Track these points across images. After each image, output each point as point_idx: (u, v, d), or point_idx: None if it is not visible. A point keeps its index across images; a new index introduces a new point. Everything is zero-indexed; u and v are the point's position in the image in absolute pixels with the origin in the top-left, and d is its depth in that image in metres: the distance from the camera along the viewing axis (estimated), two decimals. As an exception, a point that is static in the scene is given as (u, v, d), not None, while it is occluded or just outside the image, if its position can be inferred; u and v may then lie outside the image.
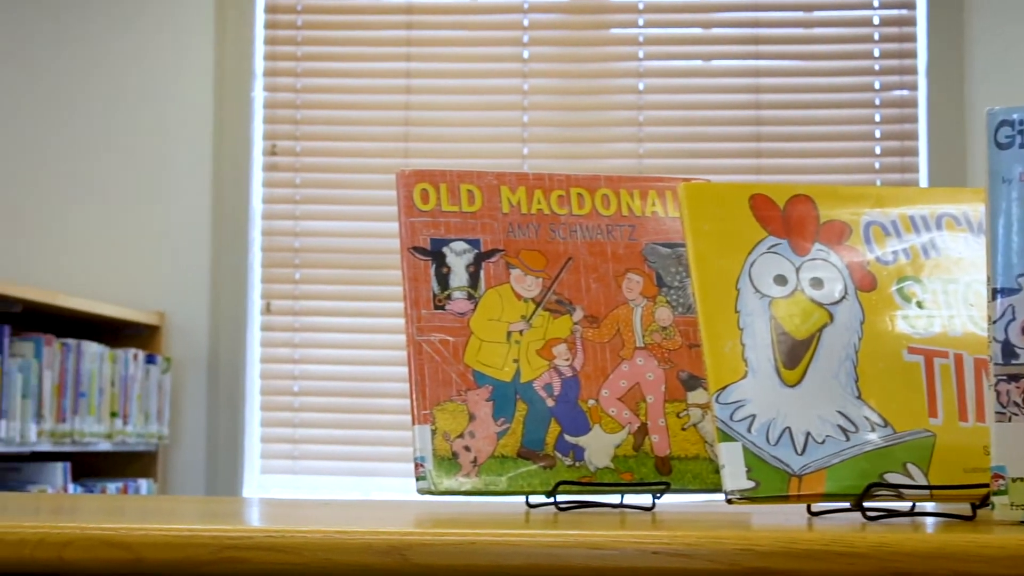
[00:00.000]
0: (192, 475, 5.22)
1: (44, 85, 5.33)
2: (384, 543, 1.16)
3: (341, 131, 5.34)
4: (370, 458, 5.23)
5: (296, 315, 5.30)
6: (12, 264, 5.15)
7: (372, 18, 5.38)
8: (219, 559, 1.17)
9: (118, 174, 5.30)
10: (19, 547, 1.17)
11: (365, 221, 5.30)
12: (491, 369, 1.49)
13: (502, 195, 1.55)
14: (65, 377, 4.47)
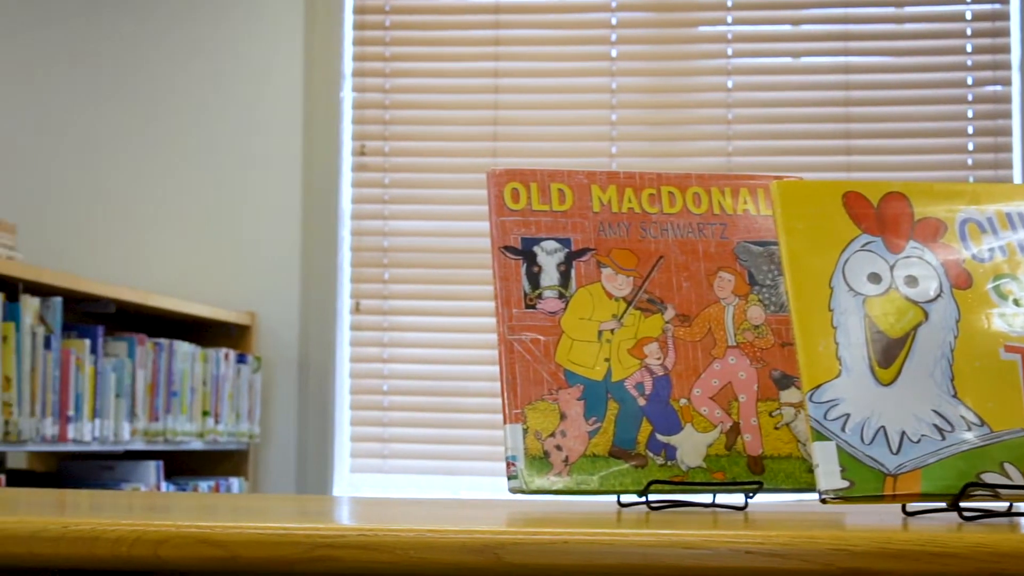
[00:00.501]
0: (282, 474, 5.26)
1: (134, 86, 5.38)
2: (478, 542, 1.16)
3: (429, 131, 5.35)
4: (458, 457, 5.24)
5: (385, 314, 5.32)
6: (105, 265, 5.21)
7: (460, 18, 5.39)
8: (312, 557, 1.17)
9: (209, 175, 5.34)
10: (116, 544, 1.18)
11: (453, 220, 5.31)
12: (582, 368, 1.49)
13: (593, 194, 1.55)
14: (158, 376, 4.51)
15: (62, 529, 1.19)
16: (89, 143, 5.38)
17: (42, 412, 3.78)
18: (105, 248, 5.31)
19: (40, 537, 1.19)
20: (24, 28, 5.44)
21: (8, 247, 4.16)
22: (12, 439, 3.63)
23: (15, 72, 5.42)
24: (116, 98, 5.38)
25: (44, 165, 5.37)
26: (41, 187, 5.35)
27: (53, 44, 5.41)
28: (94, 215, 5.34)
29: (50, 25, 5.42)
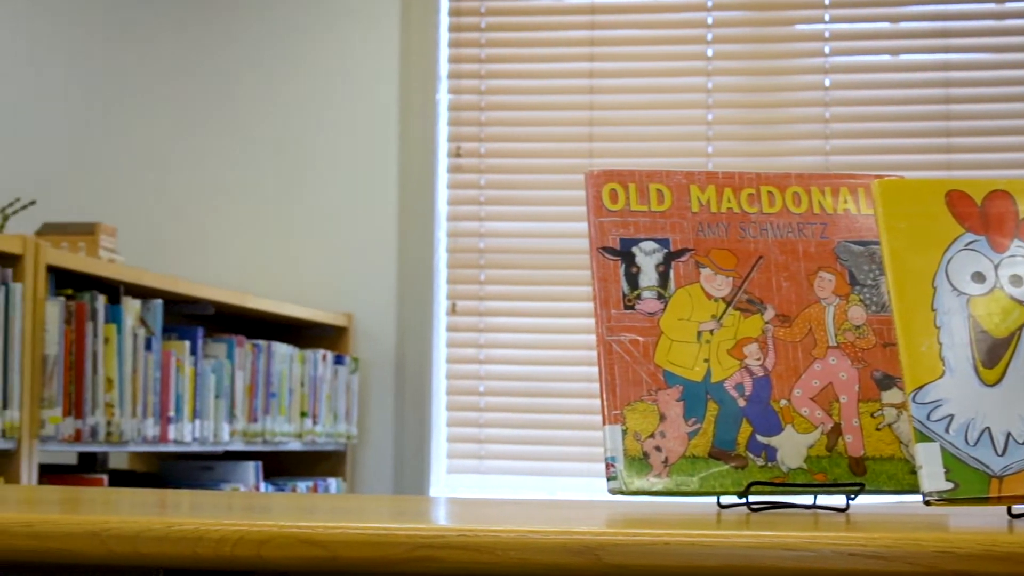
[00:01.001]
0: (380, 474, 5.28)
1: (232, 90, 5.43)
2: (578, 543, 1.16)
3: (525, 132, 5.36)
4: (555, 458, 5.24)
5: (481, 315, 5.33)
6: (204, 267, 5.26)
7: (555, 19, 5.39)
8: (413, 557, 1.18)
9: (307, 178, 5.37)
10: (220, 544, 1.19)
11: (549, 221, 5.31)
12: (682, 369, 1.48)
13: (691, 194, 1.54)
14: (256, 377, 4.54)
15: (166, 529, 1.20)
16: (188, 146, 5.43)
17: (143, 413, 3.83)
18: (204, 250, 5.36)
19: (144, 537, 1.20)
20: (122, 35, 5.50)
21: (110, 250, 4.21)
22: (114, 440, 3.67)
23: (115, 78, 5.49)
24: (215, 102, 5.43)
25: (144, 169, 5.43)
26: (142, 190, 5.41)
27: (152, 50, 5.47)
28: (194, 217, 5.39)
29: (148, 31, 5.48)
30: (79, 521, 1.22)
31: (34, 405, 3.40)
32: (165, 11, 5.48)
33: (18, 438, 3.33)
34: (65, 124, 5.49)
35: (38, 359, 3.42)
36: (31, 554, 1.22)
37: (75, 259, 3.71)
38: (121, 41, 5.50)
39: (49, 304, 3.45)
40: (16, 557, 1.22)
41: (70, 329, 3.54)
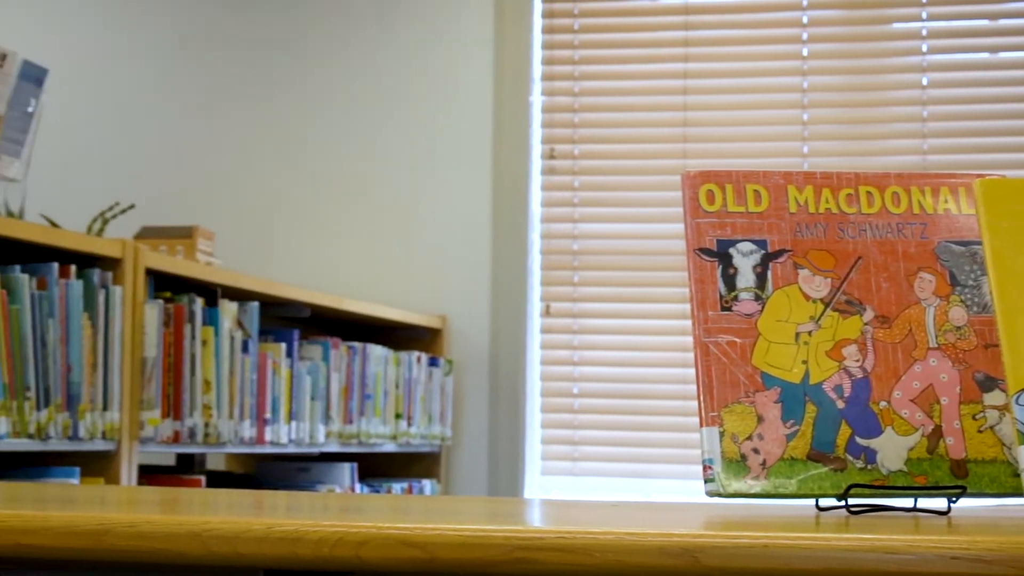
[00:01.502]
0: (474, 476, 5.29)
1: (327, 93, 5.46)
2: (676, 545, 1.15)
3: (619, 133, 5.35)
4: (649, 459, 5.22)
5: (575, 317, 5.33)
6: (300, 270, 5.29)
7: (649, 19, 5.38)
8: (510, 559, 1.17)
9: (401, 180, 5.40)
10: (319, 545, 1.20)
11: (643, 223, 5.30)
12: (779, 370, 1.47)
13: (789, 195, 1.53)
14: (351, 379, 4.57)
15: (266, 530, 1.21)
16: (283, 150, 5.47)
17: (240, 415, 3.86)
18: (300, 253, 5.40)
19: (245, 537, 1.21)
20: (220, 39, 5.55)
21: (207, 253, 4.25)
22: (212, 441, 3.70)
23: (213, 82, 5.54)
24: (310, 105, 5.46)
25: (241, 173, 5.48)
26: (238, 194, 5.46)
27: (250, 55, 5.51)
28: (290, 221, 5.43)
29: (246, 36, 5.53)
30: (180, 521, 1.23)
31: (134, 407, 3.44)
32: (262, 18, 5.52)
33: (118, 439, 3.37)
34: (163, 129, 5.55)
35: (137, 361, 3.46)
36: (134, 554, 1.23)
37: (173, 262, 3.75)
38: (219, 46, 5.55)
39: (148, 307, 3.49)
40: (119, 557, 1.24)
41: (168, 332, 3.57)
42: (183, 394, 3.60)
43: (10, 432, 3.00)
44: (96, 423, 3.29)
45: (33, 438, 3.08)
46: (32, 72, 3.44)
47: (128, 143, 5.57)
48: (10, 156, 3.40)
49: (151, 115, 5.57)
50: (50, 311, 3.15)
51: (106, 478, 3.37)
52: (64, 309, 3.19)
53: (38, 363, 3.10)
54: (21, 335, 3.06)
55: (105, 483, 3.34)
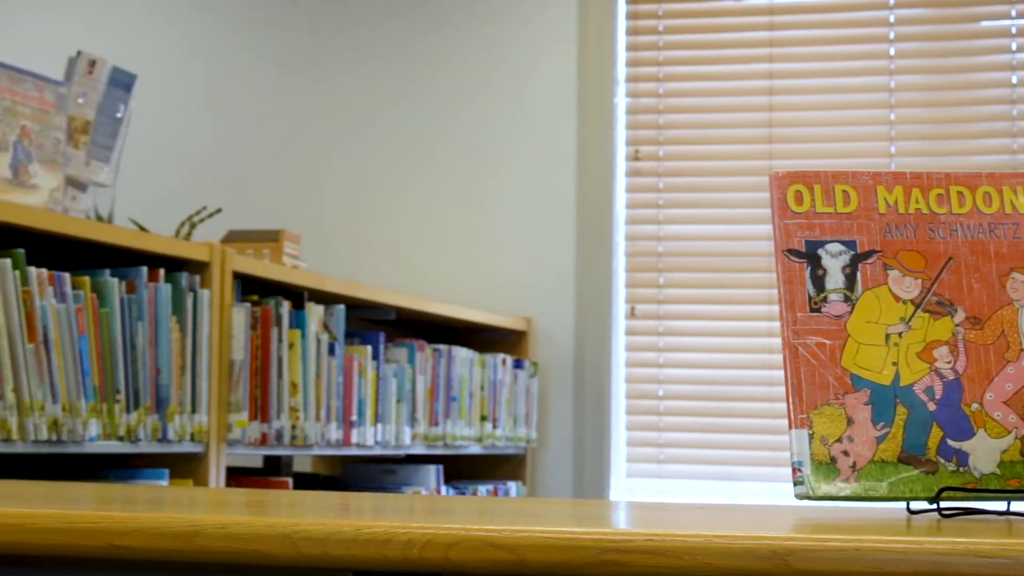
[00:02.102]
0: (559, 478, 5.29)
1: (410, 96, 5.48)
2: (766, 548, 1.14)
3: (703, 134, 5.33)
4: (735, 462, 5.20)
5: (660, 319, 5.31)
6: (386, 273, 5.31)
7: (734, 20, 5.36)
8: (599, 561, 1.17)
9: (485, 182, 5.41)
10: (407, 547, 1.20)
11: (728, 224, 5.28)
12: (869, 372, 1.46)
13: (878, 195, 1.51)
14: (437, 382, 4.58)
15: (355, 532, 1.21)
16: (368, 153, 5.49)
17: (327, 417, 3.88)
18: (385, 256, 5.42)
19: (334, 539, 1.21)
20: (305, 43, 5.58)
21: (293, 256, 4.28)
22: (299, 443, 3.72)
23: (298, 86, 5.57)
24: (393, 108, 5.49)
25: (326, 176, 5.51)
26: (324, 198, 5.49)
27: (334, 59, 5.54)
28: (375, 224, 5.46)
29: (324, 37, 5.55)
30: (271, 523, 1.24)
31: (222, 409, 3.46)
32: (346, 23, 5.55)
33: (206, 442, 3.39)
34: (250, 133, 5.59)
35: (225, 364, 3.48)
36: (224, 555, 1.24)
37: (260, 266, 3.77)
38: (304, 52, 5.58)
39: (235, 310, 3.51)
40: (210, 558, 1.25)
41: (256, 335, 3.60)
42: (270, 396, 3.63)
43: (100, 434, 3.04)
44: (185, 425, 3.31)
45: (123, 440, 3.12)
46: (121, 78, 3.48)
47: (215, 147, 5.62)
48: (99, 161, 3.44)
49: (238, 120, 5.62)
50: (139, 314, 3.18)
51: (195, 480, 3.39)
52: (153, 312, 3.22)
53: (128, 366, 3.14)
54: (111, 338, 3.09)
55: (194, 485, 3.37)
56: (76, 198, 3.37)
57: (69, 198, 3.31)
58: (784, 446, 4.78)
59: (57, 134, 3.20)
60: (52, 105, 3.19)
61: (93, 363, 3.02)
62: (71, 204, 3.33)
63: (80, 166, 3.38)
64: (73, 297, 2.99)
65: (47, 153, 3.17)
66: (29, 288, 2.86)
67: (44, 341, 2.88)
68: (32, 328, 2.86)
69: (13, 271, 2.82)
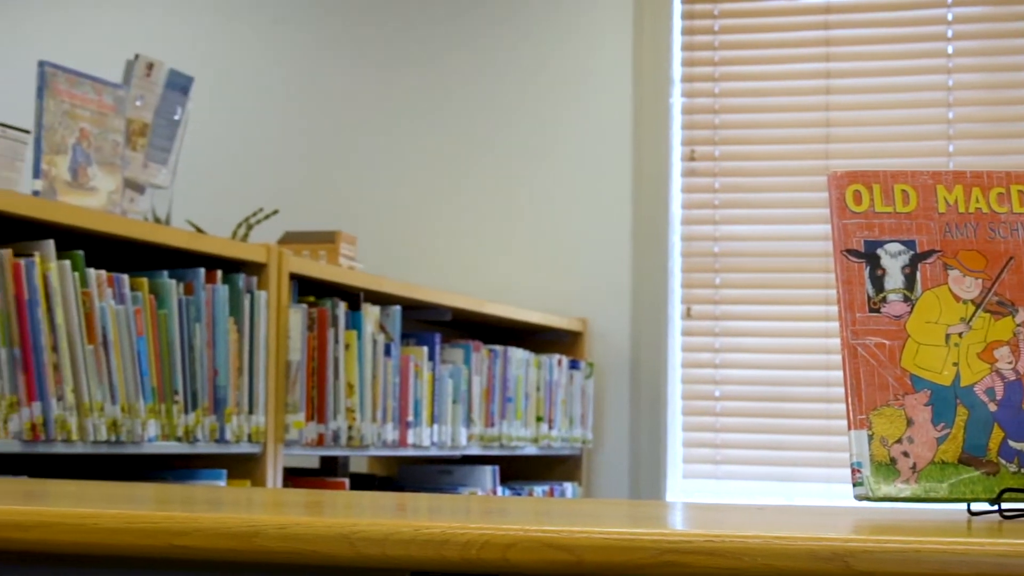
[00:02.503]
0: (615, 479, 5.28)
1: (465, 97, 5.48)
2: (826, 549, 1.14)
3: (760, 134, 5.31)
4: (791, 463, 5.18)
5: (716, 319, 5.30)
6: (442, 274, 5.32)
7: (790, 19, 5.34)
8: (659, 562, 1.17)
9: (541, 183, 5.41)
10: (466, 548, 1.20)
11: (785, 224, 5.26)
12: (929, 373, 1.45)
13: (938, 194, 1.50)
14: (493, 382, 4.58)
15: (413, 532, 1.21)
16: (424, 154, 5.50)
17: (383, 418, 3.88)
18: (441, 257, 5.43)
19: (392, 539, 1.22)
20: (360, 47, 5.60)
21: (349, 257, 4.29)
22: (355, 444, 3.73)
23: (354, 88, 5.59)
24: (447, 109, 5.49)
25: (382, 178, 5.52)
26: (380, 199, 5.50)
27: (389, 60, 5.56)
28: (431, 225, 5.46)
29: (384, 43, 5.57)
30: (329, 524, 1.24)
31: (279, 410, 3.47)
32: (401, 23, 5.56)
33: (264, 442, 3.41)
34: (306, 134, 5.62)
35: (282, 365, 3.50)
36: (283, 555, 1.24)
37: (317, 267, 3.79)
38: (359, 53, 5.60)
39: (292, 311, 3.52)
40: (268, 558, 1.25)
41: (312, 336, 3.61)
42: (327, 397, 3.64)
43: (159, 435, 3.05)
44: (242, 426, 3.33)
45: (181, 441, 3.13)
46: (178, 81, 3.50)
47: (271, 149, 5.64)
48: (157, 164, 3.46)
49: (294, 121, 5.64)
50: (197, 316, 3.20)
51: (252, 480, 3.41)
52: (210, 314, 3.24)
53: (185, 367, 3.15)
54: (169, 340, 3.11)
55: (251, 485, 3.38)
56: (134, 200, 3.39)
57: (127, 200, 3.34)
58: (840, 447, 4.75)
59: (115, 137, 3.22)
60: (111, 108, 3.21)
61: (151, 364, 3.04)
62: (129, 206, 3.35)
63: (138, 168, 3.40)
64: (132, 299, 3.01)
65: (106, 156, 3.19)
66: (88, 290, 2.88)
67: (103, 342, 2.90)
68: (91, 329, 2.88)
69: (73, 273, 2.84)
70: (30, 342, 2.72)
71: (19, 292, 2.72)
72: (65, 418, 2.79)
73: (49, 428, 2.76)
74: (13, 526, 1.32)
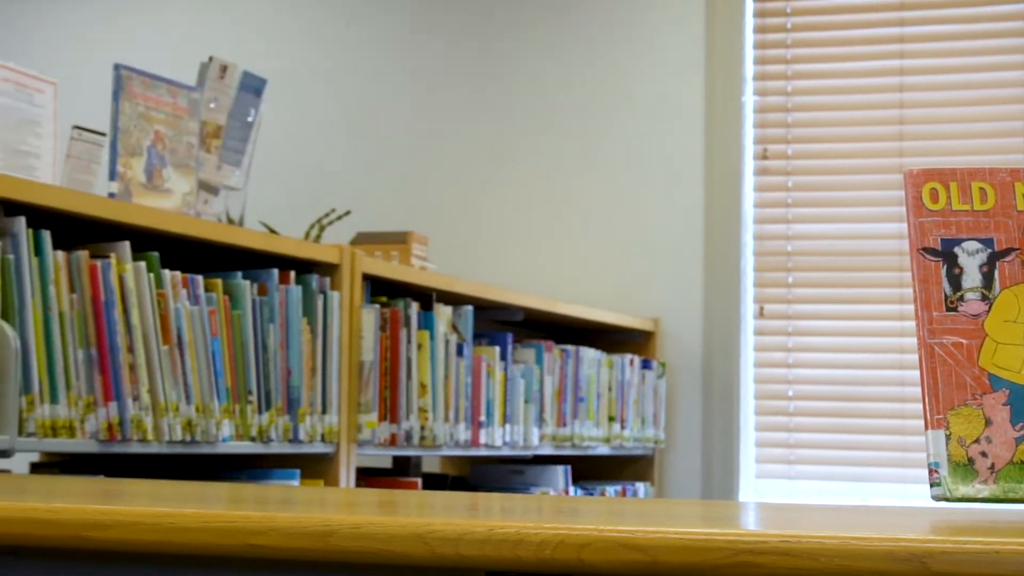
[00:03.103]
0: (687, 479, 5.26)
1: (536, 95, 5.48)
2: (904, 550, 1.13)
3: (833, 132, 5.28)
4: (865, 463, 5.14)
5: (789, 319, 5.27)
6: (514, 274, 5.32)
7: (863, 16, 5.30)
8: (733, 563, 1.16)
9: (613, 183, 5.40)
10: (540, 548, 1.20)
11: (858, 223, 5.22)
12: (1008, 372, 1.43)
13: (1016, 192, 1.49)
14: (565, 382, 4.57)
15: (488, 532, 1.21)
16: (495, 154, 5.51)
17: (455, 418, 3.89)
18: (513, 257, 5.43)
19: (467, 539, 1.22)
20: (431, 47, 5.61)
21: (421, 258, 4.30)
22: (428, 444, 3.74)
23: (425, 89, 5.60)
24: (520, 109, 5.50)
25: (453, 178, 5.53)
26: (451, 200, 5.51)
27: (459, 61, 5.57)
28: (502, 225, 5.47)
29: (456, 42, 5.58)
30: (404, 523, 1.25)
31: (352, 410, 3.49)
32: (472, 25, 5.57)
33: (337, 442, 3.42)
34: (377, 135, 5.63)
35: (355, 365, 3.51)
36: (358, 554, 1.25)
37: (389, 267, 3.80)
38: (429, 54, 5.61)
39: (365, 312, 3.54)
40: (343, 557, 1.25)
41: (385, 336, 3.62)
42: (399, 397, 3.65)
43: (233, 435, 3.07)
44: (315, 426, 3.34)
45: (255, 441, 3.15)
46: (251, 83, 3.52)
47: (343, 151, 5.66)
48: (231, 165, 3.48)
49: (366, 123, 5.66)
50: (271, 316, 3.21)
51: (325, 480, 3.42)
52: (284, 314, 3.26)
53: (259, 367, 3.17)
54: (243, 340, 3.13)
55: (324, 485, 3.39)
56: (208, 202, 3.41)
57: (201, 202, 3.36)
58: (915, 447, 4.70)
59: (190, 139, 3.25)
60: (185, 110, 3.23)
61: (226, 364, 3.06)
62: (203, 208, 3.38)
63: (212, 170, 3.43)
64: (206, 299, 3.03)
65: (180, 157, 3.22)
66: (163, 291, 2.91)
67: (178, 343, 2.92)
68: (166, 330, 2.90)
69: (148, 274, 2.86)
70: (106, 343, 2.75)
71: (95, 293, 2.75)
72: (141, 418, 2.81)
73: (125, 428, 2.78)
74: (92, 525, 1.33)
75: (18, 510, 1.37)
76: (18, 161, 2.94)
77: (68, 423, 2.66)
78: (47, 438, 2.62)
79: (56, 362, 2.64)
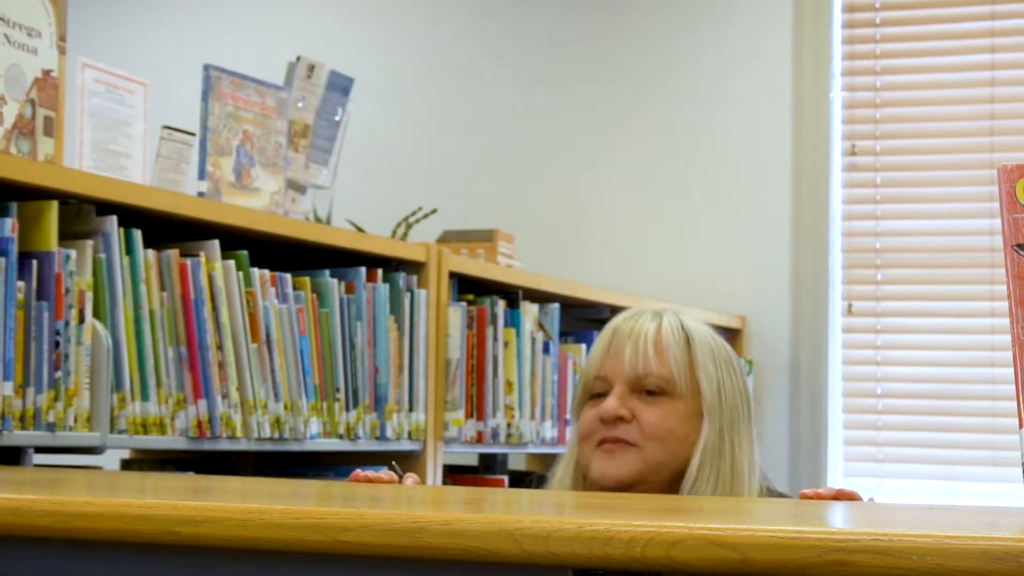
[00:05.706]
0: (775, 476, 5.21)
1: (623, 94, 5.47)
2: (999, 549, 1.11)
3: (922, 128, 5.23)
4: (956, 461, 5.09)
5: (878, 316, 5.23)
6: (600, 271, 5.31)
7: (954, 11, 5.24)
8: (825, 561, 1.15)
9: (700, 180, 5.38)
10: (630, 545, 1.19)
11: (948, 219, 5.17)
12: (1103, 369, 1.41)
13: (1111, 186, 1.46)
14: (651, 380, 4.55)
15: (577, 529, 1.21)
16: (582, 152, 5.50)
17: (541, 415, 3.89)
18: (599, 254, 5.42)
19: (556, 537, 1.21)
20: (518, 46, 5.61)
21: (507, 256, 4.30)
22: (514, 441, 3.74)
23: (511, 88, 5.61)
24: (607, 107, 5.48)
25: (539, 176, 5.53)
26: (537, 197, 5.51)
27: (547, 60, 5.56)
28: (589, 222, 5.46)
29: (544, 43, 5.58)
30: (493, 520, 1.25)
31: (438, 408, 3.50)
32: (558, 22, 5.57)
33: (424, 440, 3.43)
34: (463, 133, 5.64)
35: (442, 363, 3.52)
36: (447, 551, 1.25)
37: (475, 265, 3.80)
38: (519, 52, 5.61)
39: (452, 309, 3.54)
40: (432, 554, 1.26)
41: (471, 333, 3.62)
42: (486, 395, 3.65)
43: (321, 432, 3.09)
44: (403, 424, 3.35)
45: (343, 438, 3.17)
46: (339, 82, 3.54)
47: (429, 149, 5.68)
48: (318, 164, 3.50)
49: (452, 121, 5.67)
50: (358, 314, 3.23)
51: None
52: (371, 312, 3.27)
53: (347, 365, 3.18)
54: (331, 338, 3.14)
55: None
56: (296, 200, 3.43)
57: (289, 200, 3.38)
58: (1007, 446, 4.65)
59: (278, 138, 3.27)
60: (273, 110, 3.25)
61: (313, 362, 3.08)
62: (291, 206, 3.40)
63: (300, 169, 3.45)
64: (294, 298, 3.05)
65: (268, 157, 3.24)
66: (252, 289, 2.93)
67: (267, 341, 2.94)
68: (255, 328, 2.92)
69: (237, 272, 2.88)
70: (196, 341, 2.77)
71: (185, 292, 2.77)
72: (230, 415, 2.83)
73: (214, 425, 2.80)
74: (185, 521, 1.34)
75: (112, 505, 1.38)
76: (109, 161, 2.97)
77: (159, 420, 2.68)
78: (138, 435, 2.64)
79: (147, 360, 2.67)
